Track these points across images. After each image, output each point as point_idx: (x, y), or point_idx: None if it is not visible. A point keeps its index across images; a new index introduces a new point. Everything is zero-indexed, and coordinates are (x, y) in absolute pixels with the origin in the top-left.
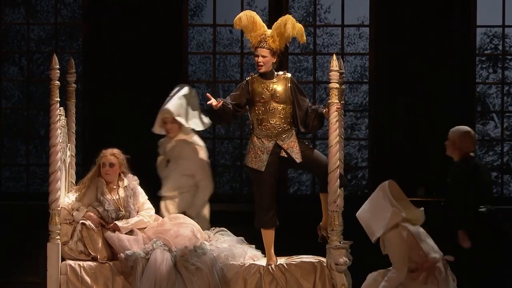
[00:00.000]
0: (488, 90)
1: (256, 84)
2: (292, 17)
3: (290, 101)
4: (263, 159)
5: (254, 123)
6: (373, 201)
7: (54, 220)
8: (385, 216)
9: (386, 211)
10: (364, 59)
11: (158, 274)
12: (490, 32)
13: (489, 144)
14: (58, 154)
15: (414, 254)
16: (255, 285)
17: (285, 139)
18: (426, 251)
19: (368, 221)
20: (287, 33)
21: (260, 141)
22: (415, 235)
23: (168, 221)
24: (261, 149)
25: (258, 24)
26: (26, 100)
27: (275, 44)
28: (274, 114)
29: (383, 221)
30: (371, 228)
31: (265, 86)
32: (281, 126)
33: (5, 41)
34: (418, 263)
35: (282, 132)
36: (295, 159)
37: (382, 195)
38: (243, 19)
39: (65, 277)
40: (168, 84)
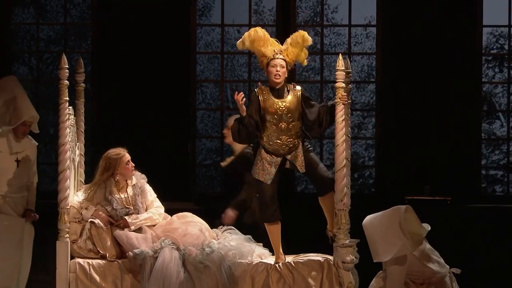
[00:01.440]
0: (494, 90)
1: (268, 102)
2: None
3: (300, 115)
4: (271, 173)
5: (264, 138)
6: (385, 221)
7: (63, 218)
8: (394, 242)
9: (396, 238)
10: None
11: (166, 273)
12: (496, 31)
13: (495, 143)
14: (67, 153)
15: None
16: (262, 283)
17: (292, 152)
18: (437, 268)
19: (375, 239)
20: (306, 42)
21: (269, 156)
22: (423, 258)
23: (176, 220)
24: (269, 163)
25: (271, 39)
26: (35, 99)
27: (289, 57)
28: (285, 132)
29: (391, 246)
30: (376, 249)
31: (277, 105)
32: (291, 142)
33: (15, 41)
34: (426, 277)
35: (292, 148)
36: (299, 169)
37: (395, 220)
38: (258, 31)
39: (74, 275)
40: (177, 83)
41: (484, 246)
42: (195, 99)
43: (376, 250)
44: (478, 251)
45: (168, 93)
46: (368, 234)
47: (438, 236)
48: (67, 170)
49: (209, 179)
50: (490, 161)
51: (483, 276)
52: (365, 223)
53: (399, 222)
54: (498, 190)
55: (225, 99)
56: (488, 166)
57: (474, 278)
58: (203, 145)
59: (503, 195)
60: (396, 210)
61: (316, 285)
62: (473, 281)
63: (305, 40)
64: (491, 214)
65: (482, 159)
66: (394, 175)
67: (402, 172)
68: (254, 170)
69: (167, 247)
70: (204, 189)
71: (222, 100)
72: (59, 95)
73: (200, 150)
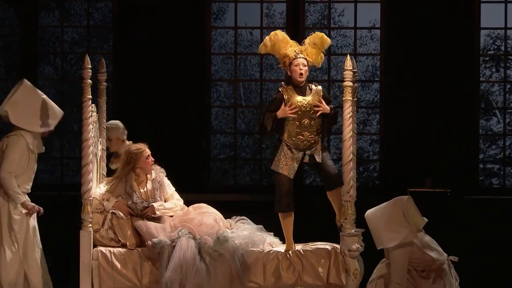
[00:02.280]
0: (491, 88)
1: (292, 100)
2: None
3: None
4: (294, 167)
5: (286, 134)
6: (387, 211)
7: (86, 209)
8: (399, 230)
9: (401, 227)
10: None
11: (183, 261)
12: (493, 34)
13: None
14: (90, 148)
15: (423, 259)
16: (273, 270)
17: (312, 147)
18: (434, 258)
19: (379, 228)
20: (325, 43)
21: (291, 152)
22: (424, 246)
23: (192, 211)
24: (292, 158)
25: (290, 41)
26: (60, 97)
27: (309, 56)
28: (308, 128)
29: (396, 234)
30: (380, 236)
31: (301, 102)
32: (313, 138)
33: (41, 43)
34: (427, 265)
35: (312, 144)
36: (317, 160)
37: (398, 209)
38: (278, 34)
39: (96, 263)
40: (193, 82)
41: (481, 235)
42: (210, 97)
43: (380, 238)
44: (476, 241)
45: (184, 91)
46: (371, 224)
47: (438, 226)
48: (90, 164)
49: (223, 172)
50: (487, 155)
51: (481, 265)
52: (367, 215)
53: (402, 211)
54: (495, 183)
55: (238, 97)
56: (485, 160)
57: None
58: (218, 140)
59: (500, 188)
60: (399, 200)
61: (324, 272)
62: (471, 269)
63: (323, 41)
64: (488, 206)
65: (479, 154)
66: (397, 168)
67: (405, 165)
68: (276, 165)
69: (184, 237)
70: (218, 182)
71: (235, 98)
72: (82, 94)
73: (215, 145)
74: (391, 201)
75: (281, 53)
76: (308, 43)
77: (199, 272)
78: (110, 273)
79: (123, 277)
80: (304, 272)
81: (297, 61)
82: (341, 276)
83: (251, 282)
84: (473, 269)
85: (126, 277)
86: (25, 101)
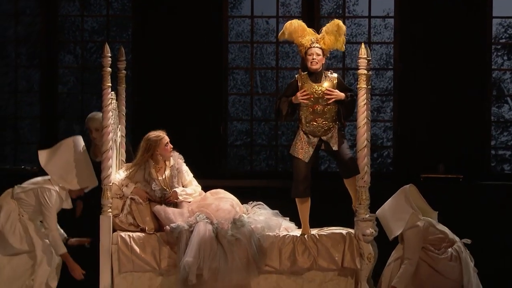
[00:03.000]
0: (503, 76)
1: (306, 86)
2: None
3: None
4: (310, 152)
5: (302, 120)
6: (393, 202)
7: (106, 194)
8: (404, 217)
9: (405, 213)
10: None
11: (201, 245)
12: (505, 22)
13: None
14: (109, 135)
15: (435, 238)
16: (289, 254)
17: (328, 134)
18: (446, 234)
19: (387, 220)
20: (341, 31)
21: (307, 137)
22: (433, 223)
23: (210, 196)
24: (307, 144)
25: (307, 29)
26: (80, 85)
27: (326, 45)
28: (321, 115)
29: (401, 221)
30: (389, 227)
31: (314, 89)
32: (327, 125)
33: (62, 32)
34: (441, 241)
35: (327, 130)
36: (332, 147)
37: (403, 197)
38: (294, 23)
39: (116, 247)
40: (210, 70)
41: (493, 220)
42: (227, 85)
43: (390, 229)
44: (487, 226)
45: (202, 79)
46: (381, 218)
47: (450, 211)
48: (109, 150)
49: (240, 158)
50: (499, 142)
51: (493, 250)
52: (377, 212)
53: (405, 197)
54: (506, 169)
55: (254, 85)
56: (497, 147)
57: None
58: (234, 127)
59: (511, 173)
60: (401, 189)
61: (339, 256)
62: (483, 254)
63: (340, 28)
64: (500, 191)
65: (491, 140)
66: (410, 154)
67: (418, 152)
68: (293, 149)
69: (201, 222)
70: (235, 168)
71: (252, 85)
72: (102, 81)
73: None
74: (395, 194)
75: (298, 42)
76: (326, 31)
77: (216, 256)
78: (129, 257)
79: (142, 261)
80: (319, 256)
81: (311, 50)
82: (355, 260)
83: (267, 266)
84: (485, 253)
85: (145, 261)
86: (67, 158)
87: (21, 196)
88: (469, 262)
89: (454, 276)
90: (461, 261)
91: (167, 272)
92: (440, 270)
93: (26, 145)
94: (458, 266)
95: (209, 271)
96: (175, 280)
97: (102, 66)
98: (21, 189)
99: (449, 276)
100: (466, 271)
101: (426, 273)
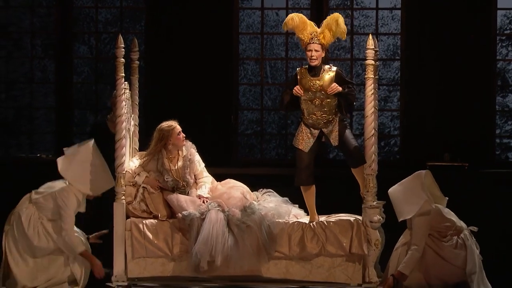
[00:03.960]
0: (507, 66)
1: (304, 80)
2: (341, 16)
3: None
4: (310, 143)
5: (304, 113)
6: (407, 185)
7: (120, 182)
8: (417, 202)
9: (418, 198)
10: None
11: (213, 232)
12: (509, 14)
13: (508, 114)
14: (123, 124)
15: (444, 225)
16: (298, 241)
17: (329, 126)
18: (453, 222)
19: (399, 201)
20: (339, 28)
21: (308, 129)
22: (442, 211)
23: (220, 187)
24: (308, 135)
25: (308, 24)
26: (94, 75)
27: (325, 39)
28: (320, 108)
29: (414, 206)
30: (401, 209)
31: (312, 82)
32: (326, 118)
33: (76, 23)
34: (448, 229)
35: (327, 123)
36: (332, 143)
37: (419, 184)
38: (295, 19)
39: (129, 233)
40: (221, 61)
41: (498, 208)
42: (238, 75)
43: (401, 210)
44: (492, 213)
45: (213, 69)
46: (393, 198)
47: (455, 198)
48: (123, 139)
49: (250, 147)
50: (503, 131)
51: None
52: (390, 191)
53: (421, 182)
54: (511, 157)
55: (265, 75)
56: (501, 135)
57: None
58: (245, 116)
59: None
60: (418, 173)
61: (347, 243)
62: (488, 240)
63: (338, 25)
64: (504, 179)
65: (496, 129)
66: (416, 143)
67: (424, 140)
68: (295, 141)
69: (213, 209)
70: (246, 156)
71: (262, 76)
72: (116, 72)
73: (242, 121)
74: (410, 177)
75: (298, 36)
76: (326, 26)
77: (228, 243)
78: (142, 243)
79: (154, 246)
80: (327, 242)
81: (310, 46)
82: (363, 246)
83: (277, 252)
84: (490, 239)
85: (157, 247)
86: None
87: (39, 201)
88: (474, 249)
89: (458, 263)
90: (467, 249)
91: (179, 258)
92: (445, 257)
93: (41, 134)
94: (463, 253)
95: (221, 258)
96: (186, 266)
97: (116, 56)
98: (39, 194)
99: (453, 263)
100: (470, 259)
101: (432, 259)
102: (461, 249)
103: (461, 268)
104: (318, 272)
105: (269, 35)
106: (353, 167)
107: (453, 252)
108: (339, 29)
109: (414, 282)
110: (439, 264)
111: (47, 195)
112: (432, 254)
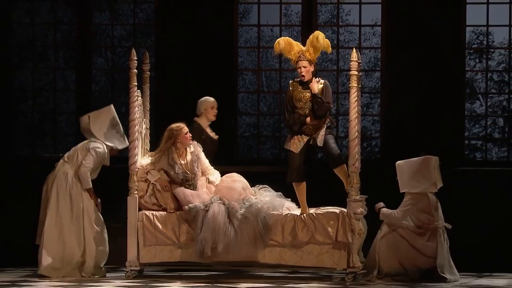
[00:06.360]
0: (475, 76)
1: (296, 92)
2: (321, 33)
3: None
4: (300, 145)
5: None
6: (417, 164)
7: (133, 178)
8: (424, 182)
9: (426, 178)
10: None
11: (215, 223)
12: (477, 30)
13: (476, 119)
14: (136, 127)
15: (426, 217)
16: (290, 230)
17: (317, 131)
18: (436, 218)
19: (406, 174)
20: (320, 44)
21: (299, 135)
22: (433, 204)
23: (225, 179)
24: (299, 139)
25: (293, 44)
26: (110, 84)
27: (311, 55)
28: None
29: (420, 184)
30: (405, 182)
31: (303, 95)
32: (315, 126)
33: (94, 38)
34: (426, 223)
35: (315, 130)
36: (318, 143)
37: (431, 166)
38: (281, 43)
39: (141, 224)
40: (222, 71)
41: (467, 202)
42: (237, 84)
43: (405, 183)
44: (461, 207)
45: (215, 79)
46: (401, 170)
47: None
48: (136, 141)
49: (248, 147)
50: (471, 133)
51: (467, 229)
52: (399, 163)
53: (433, 166)
54: (478, 156)
55: (261, 84)
56: (470, 137)
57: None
58: (243, 120)
59: (482, 160)
60: (430, 157)
61: (333, 232)
62: (458, 234)
63: (318, 40)
64: (472, 176)
65: (465, 132)
66: (395, 144)
67: (402, 142)
68: (286, 144)
69: (215, 202)
70: (244, 155)
71: (259, 85)
72: (129, 81)
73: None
74: (421, 157)
75: (288, 57)
76: (309, 43)
77: (228, 233)
78: (153, 232)
79: (163, 235)
80: (316, 232)
81: (299, 64)
82: (347, 235)
83: (272, 240)
84: (460, 233)
85: (166, 235)
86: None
87: (72, 154)
88: (444, 244)
89: (430, 253)
90: (438, 243)
91: (186, 246)
92: (418, 248)
93: (63, 136)
94: (433, 245)
95: (222, 245)
96: (192, 252)
97: (129, 68)
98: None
99: (425, 253)
100: (440, 252)
101: (405, 249)
102: (432, 242)
103: (432, 258)
104: (308, 258)
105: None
106: (334, 167)
107: (425, 244)
108: (320, 45)
109: (393, 268)
110: (412, 254)
111: (79, 148)
112: (406, 244)
